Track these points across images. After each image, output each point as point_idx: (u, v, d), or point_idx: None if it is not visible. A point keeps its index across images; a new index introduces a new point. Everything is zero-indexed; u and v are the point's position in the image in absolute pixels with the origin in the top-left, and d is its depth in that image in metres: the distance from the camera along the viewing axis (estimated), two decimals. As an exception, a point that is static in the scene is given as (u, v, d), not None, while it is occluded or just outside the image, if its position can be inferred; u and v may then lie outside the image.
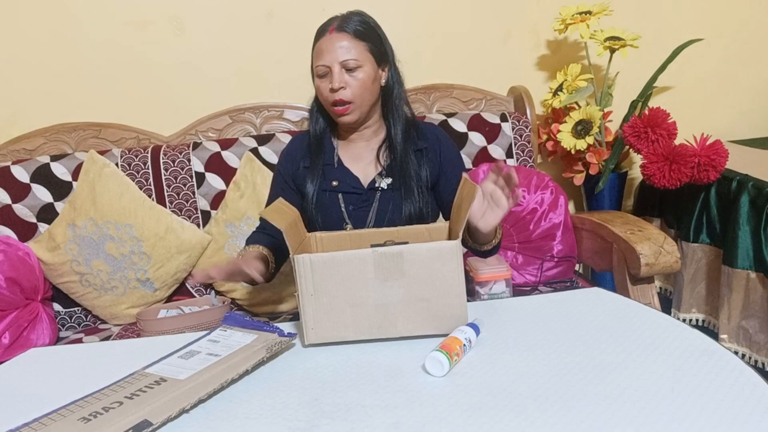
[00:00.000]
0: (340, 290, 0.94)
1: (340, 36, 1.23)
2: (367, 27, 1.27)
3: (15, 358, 1.09)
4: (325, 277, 0.94)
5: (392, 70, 1.32)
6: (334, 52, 1.22)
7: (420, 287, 0.93)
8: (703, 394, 0.74)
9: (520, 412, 0.73)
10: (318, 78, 1.26)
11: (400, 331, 0.95)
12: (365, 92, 1.25)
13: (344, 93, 1.23)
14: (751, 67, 2.09)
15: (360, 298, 0.94)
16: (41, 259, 1.63)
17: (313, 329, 0.96)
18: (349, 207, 1.30)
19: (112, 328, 1.65)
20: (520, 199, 1.67)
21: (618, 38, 1.78)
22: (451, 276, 0.92)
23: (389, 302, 0.94)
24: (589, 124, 1.79)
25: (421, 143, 1.32)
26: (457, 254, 0.92)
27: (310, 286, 0.94)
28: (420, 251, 0.92)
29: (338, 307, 0.94)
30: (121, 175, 1.67)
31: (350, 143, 1.35)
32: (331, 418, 0.76)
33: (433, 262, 0.92)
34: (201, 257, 1.69)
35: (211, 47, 1.87)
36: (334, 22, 1.25)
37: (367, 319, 0.94)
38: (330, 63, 1.22)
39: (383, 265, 0.92)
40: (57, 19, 1.80)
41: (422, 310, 0.94)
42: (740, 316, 1.58)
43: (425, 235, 1.10)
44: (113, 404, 0.79)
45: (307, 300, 0.95)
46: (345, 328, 0.95)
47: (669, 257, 1.41)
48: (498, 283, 1.41)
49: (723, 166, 1.59)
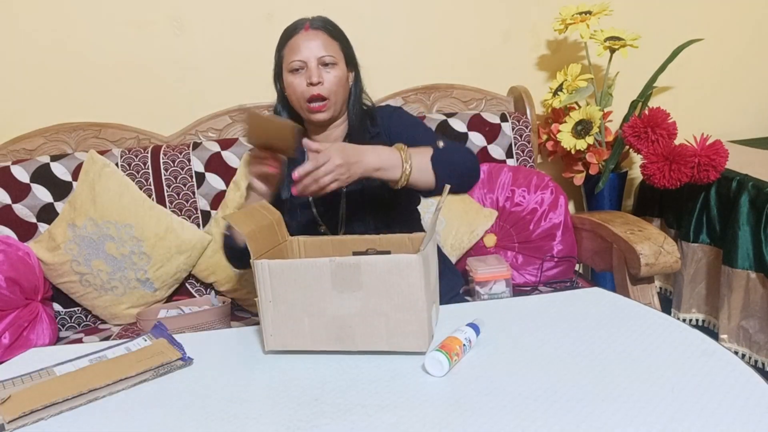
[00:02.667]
0: (298, 299, 0.91)
1: (317, 33, 1.24)
2: (337, 29, 1.29)
3: (15, 358, 1.09)
4: (283, 284, 0.91)
5: (357, 74, 1.33)
6: (310, 48, 1.23)
7: (378, 301, 0.89)
8: (703, 394, 0.73)
9: (520, 412, 0.73)
10: (290, 73, 1.25)
11: (358, 344, 0.91)
12: (340, 89, 1.25)
13: (321, 88, 1.23)
14: (751, 67, 2.09)
15: (318, 307, 0.91)
16: (41, 259, 1.63)
17: (272, 336, 0.94)
18: (320, 208, 1.30)
19: (112, 328, 1.65)
20: (520, 200, 1.67)
21: (618, 38, 1.78)
22: (411, 291, 0.87)
23: (346, 314, 0.90)
24: (589, 124, 1.79)
25: (374, 129, 1.32)
26: (417, 269, 0.86)
27: (268, 292, 0.92)
28: (377, 263, 0.88)
29: (296, 315, 0.92)
30: (121, 175, 1.67)
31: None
32: (331, 418, 0.76)
33: (391, 276, 0.87)
34: (201, 257, 1.69)
35: (211, 47, 1.87)
36: (307, 21, 1.26)
37: (325, 329, 0.92)
38: (306, 58, 1.23)
39: (340, 275, 0.89)
40: (57, 19, 1.80)
41: (380, 325, 0.90)
42: (740, 316, 1.58)
43: (407, 244, 1.07)
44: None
45: (266, 306, 0.93)
46: (303, 337, 0.93)
47: (669, 257, 1.41)
48: (498, 283, 1.41)
49: (723, 166, 1.59)
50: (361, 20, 1.88)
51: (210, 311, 1.34)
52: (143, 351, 0.99)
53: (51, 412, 0.82)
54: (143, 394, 0.88)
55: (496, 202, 1.70)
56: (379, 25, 1.91)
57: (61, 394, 0.84)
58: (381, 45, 1.90)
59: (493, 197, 1.71)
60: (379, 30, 1.91)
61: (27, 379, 0.92)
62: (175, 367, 0.94)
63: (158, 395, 0.87)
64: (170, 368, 0.94)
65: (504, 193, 1.70)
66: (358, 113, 1.32)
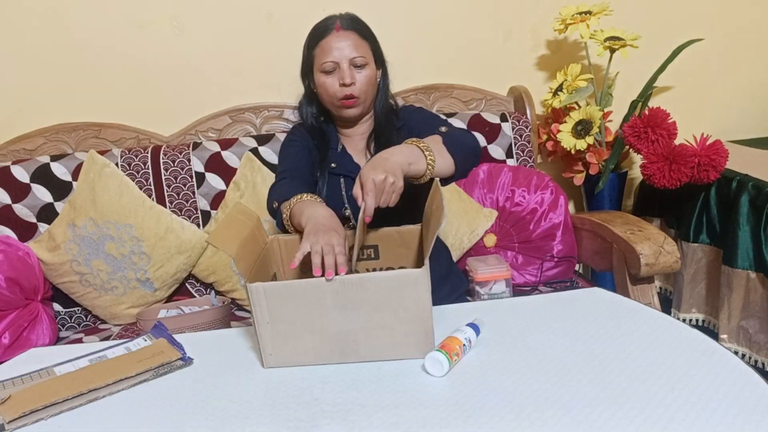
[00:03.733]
0: (297, 317, 0.89)
1: (348, 34, 1.28)
2: (366, 28, 1.33)
3: (15, 358, 1.09)
4: (280, 304, 0.89)
5: (384, 72, 1.39)
6: (342, 50, 1.27)
7: (382, 315, 0.88)
8: (703, 394, 0.73)
9: (520, 412, 0.73)
10: (323, 74, 1.29)
11: (362, 356, 0.90)
12: (370, 88, 1.31)
13: (353, 88, 1.27)
14: (751, 67, 2.09)
15: (319, 324, 0.89)
16: (41, 259, 1.63)
17: (272, 354, 0.91)
18: (348, 192, 1.32)
19: (112, 328, 1.65)
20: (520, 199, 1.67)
21: (618, 38, 1.78)
22: (416, 305, 0.87)
23: (350, 329, 0.89)
24: (589, 124, 1.79)
25: (398, 123, 1.37)
26: (422, 282, 0.85)
27: (265, 314, 0.89)
28: (380, 280, 0.86)
29: (296, 333, 0.90)
30: (121, 175, 1.67)
31: (346, 137, 1.40)
32: (331, 418, 0.76)
33: (394, 291, 0.86)
34: (201, 257, 1.69)
35: (211, 47, 1.87)
36: (337, 20, 1.29)
37: (328, 345, 0.90)
38: (339, 59, 1.27)
39: (342, 293, 0.87)
40: (57, 19, 1.80)
41: (386, 337, 0.89)
42: (740, 316, 1.57)
43: (395, 237, 1.07)
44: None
45: (264, 328, 0.90)
46: (305, 353, 0.91)
47: (669, 257, 1.41)
48: (498, 283, 1.41)
49: (723, 166, 1.59)
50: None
51: (210, 311, 1.34)
52: (143, 351, 0.99)
53: (51, 412, 0.82)
54: (143, 394, 0.88)
55: (496, 202, 1.70)
56: (378, 25, 1.90)
57: (61, 394, 0.84)
58: (381, 45, 1.90)
59: (493, 197, 1.71)
60: (378, 30, 1.89)
61: (27, 379, 0.92)
62: (175, 367, 0.94)
63: (158, 395, 0.87)
64: (170, 368, 0.94)
65: (504, 193, 1.70)
66: (385, 109, 1.38)
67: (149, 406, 0.84)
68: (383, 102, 1.38)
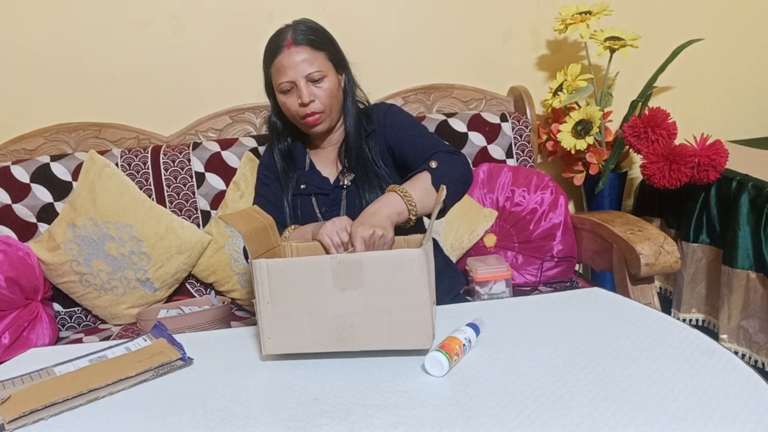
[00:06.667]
0: (297, 298, 0.90)
1: (299, 49, 1.21)
2: (320, 35, 1.25)
3: (15, 358, 1.09)
4: (282, 283, 0.89)
5: (348, 74, 1.32)
6: (296, 68, 1.20)
7: (380, 298, 0.87)
8: (703, 394, 0.73)
9: (520, 413, 0.73)
10: (282, 94, 1.24)
11: (360, 344, 0.90)
12: (333, 100, 1.25)
13: (314, 105, 1.22)
14: (751, 67, 2.09)
15: (318, 307, 0.89)
16: (41, 259, 1.63)
17: (270, 339, 0.92)
18: (322, 209, 1.30)
19: (112, 328, 1.65)
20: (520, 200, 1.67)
21: (618, 38, 1.78)
22: (414, 286, 0.86)
23: (348, 313, 0.89)
24: (589, 124, 1.79)
25: (370, 127, 1.31)
26: (420, 263, 0.86)
27: (266, 292, 0.90)
28: (380, 259, 0.87)
29: (295, 316, 0.90)
30: (121, 175, 1.67)
31: (319, 149, 1.36)
32: (331, 418, 0.76)
33: (393, 271, 0.86)
34: (201, 257, 1.69)
35: (211, 47, 1.87)
36: (287, 36, 1.22)
37: (326, 329, 0.90)
38: (294, 78, 1.21)
39: (342, 273, 0.88)
40: (57, 19, 1.80)
41: (383, 323, 0.88)
42: (740, 316, 1.57)
43: (401, 244, 1.07)
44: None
45: (264, 308, 0.91)
46: (303, 338, 0.91)
47: (669, 257, 1.41)
48: (498, 283, 1.41)
49: (723, 166, 1.59)
50: (360, 20, 1.88)
51: (210, 311, 1.34)
52: (143, 351, 0.99)
53: (51, 412, 0.82)
54: (143, 394, 0.88)
55: (496, 202, 1.70)
56: (378, 25, 1.91)
57: (61, 394, 0.84)
58: (381, 45, 1.90)
59: (493, 197, 1.71)
60: (378, 30, 1.91)
61: (27, 379, 0.92)
62: (175, 367, 0.94)
63: (158, 395, 0.87)
64: (170, 368, 0.94)
65: (504, 193, 1.70)
66: (354, 114, 1.32)
67: (149, 406, 0.84)
68: (352, 106, 1.32)
